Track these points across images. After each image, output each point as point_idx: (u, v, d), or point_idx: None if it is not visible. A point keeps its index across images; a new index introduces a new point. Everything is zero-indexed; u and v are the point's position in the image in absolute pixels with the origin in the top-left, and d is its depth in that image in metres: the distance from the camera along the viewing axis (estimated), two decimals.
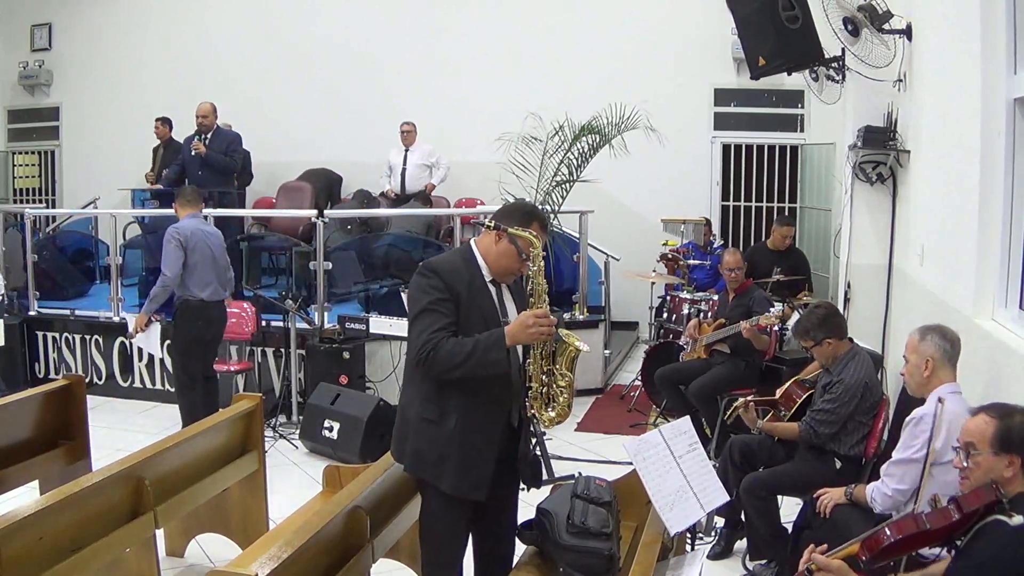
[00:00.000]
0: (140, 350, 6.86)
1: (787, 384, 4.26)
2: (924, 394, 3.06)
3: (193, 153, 7.82)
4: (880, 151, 5.26)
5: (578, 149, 6.81)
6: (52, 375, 7.12)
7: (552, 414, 2.94)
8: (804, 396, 4.09)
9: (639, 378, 6.55)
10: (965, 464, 2.31)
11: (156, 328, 5.63)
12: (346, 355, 6.04)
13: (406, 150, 8.80)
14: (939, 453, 2.87)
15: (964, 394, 3.05)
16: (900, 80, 5.08)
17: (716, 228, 8.80)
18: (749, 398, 4.12)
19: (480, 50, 9.36)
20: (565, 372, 2.91)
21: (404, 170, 8.75)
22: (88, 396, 4.37)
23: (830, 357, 3.88)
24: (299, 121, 9.33)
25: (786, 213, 8.32)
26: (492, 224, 2.81)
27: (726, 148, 9.11)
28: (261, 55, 9.84)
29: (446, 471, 2.77)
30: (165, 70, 10.16)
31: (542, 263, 2.89)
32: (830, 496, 3.33)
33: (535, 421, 2.93)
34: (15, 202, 10.79)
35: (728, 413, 4.04)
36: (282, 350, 6.33)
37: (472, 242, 2.93)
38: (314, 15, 9.81)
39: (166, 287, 5.38)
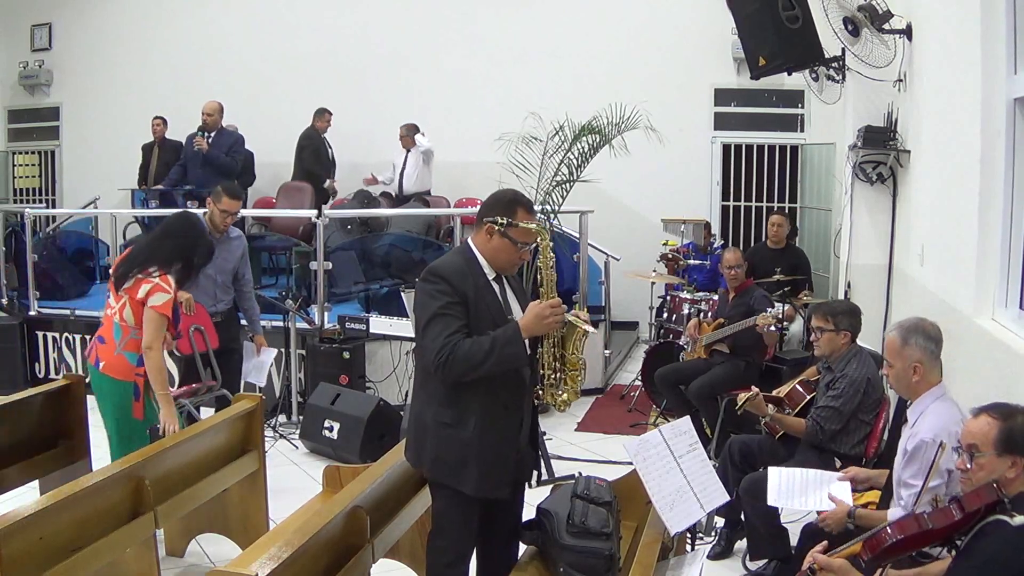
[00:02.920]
0: None
1: (791, 383, 4.26)
2: (913, 397, 3.01)
3: (195, 149, 7.81)
4: (880, 151, 5.26)
5: (578, 149, 6.81)
6: (52, 375, 7.11)
7: (564, 396, 2.96)
8: (809, 396, 4.09)
9: (639, 378, 6.55)
10: (968, 466, 2.30)
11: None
12: (346, 355, 6.04)
13: (407, 152, 8.81)
14: (934, 489, 2.80)
15: (965, 395, 3.04)
16: (900, 80, 5.08)
17: (716, 228, 8.81)
18: (759, 391, 4.11)
19: (480, 50, 9.36)
20: (578, 355, 2.93)
21: (403, 171, 8.76)
22: (88, 396, 4.36)
23: (834, 351, 3.88)
24: (300, 121, 9.29)
25: (786, 212, 8.31)
26: (502, 222, 2.78)
27: (726, 148, 9.11)
28: (261, 55, 9.84)
29: (469, 474, 2.78)
30: (165, 70, 10.16)
31: (553, 255, 2.91)
32: (831, 526, 3.06)
33: (544, 408, 2.95)
34: (15, 202, 10.79)
35: (739, 405, 4.03)
36: (282, 350, 6.33)
37: (469, 240, 2.93)
38: (315, 16, 9.81)
39: None
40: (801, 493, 3.19)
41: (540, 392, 2.97)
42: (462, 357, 2.65)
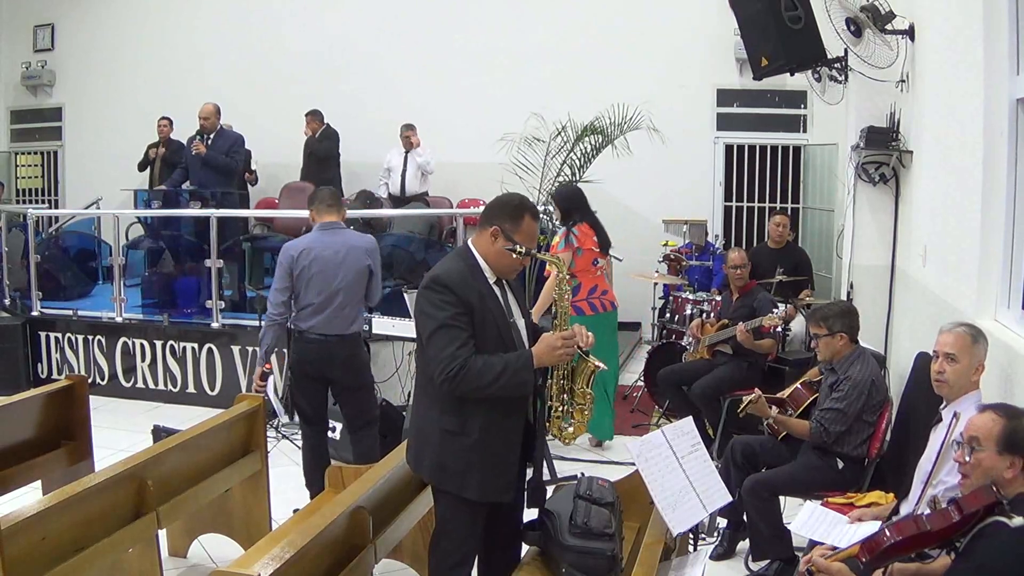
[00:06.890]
0: (142, 349, 6.89)
1: (794, 385, 4.25)
2: (955, 397, 2.94)
3: (194, 152, 7.84)
4: (883, 151, 5.26)
5: (581, 149, 6.82)
6: (55, 375, 7.12)
7: (571, 430, 2.95)
8: (811, 398, 4.08)
9: (642, 378, 6.54)
10: (967, 459, 2.30)
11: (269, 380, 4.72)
12: None
13: (406, 152, 8.81)
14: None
15: None
16: (903, 80, 5.07)
17: (719, 229, 8.81)
18: (761, 394, 4.11)
19: (483, 50, 9.36)
20: (587, 390, 2.92)
21: (404, 172, 8.76)
22: (91, 396, 4.36)
23: (835, 353, 3.88)
24: (301, 121, 9.32)
25: (788, 212, 8.30)
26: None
27: (729, 149, 9.11)
28: (262, 55, 9.85)
29: (472, 480, 2.78)
30: (167, 70, 10.18)
31: (569, 289, 2.90)
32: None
33: (553, 437, 2.95)
34: (18, 202, 10.81)
35: (742, 407, 4.03)
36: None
37: (470, 243, 2.91)
38: (318, 14, 9.82)
39: (270, 321, 4.52)
40: (826, 533, 3.16)
41: (547, 424, 2.97)
42: (473, 376, 2.65)
